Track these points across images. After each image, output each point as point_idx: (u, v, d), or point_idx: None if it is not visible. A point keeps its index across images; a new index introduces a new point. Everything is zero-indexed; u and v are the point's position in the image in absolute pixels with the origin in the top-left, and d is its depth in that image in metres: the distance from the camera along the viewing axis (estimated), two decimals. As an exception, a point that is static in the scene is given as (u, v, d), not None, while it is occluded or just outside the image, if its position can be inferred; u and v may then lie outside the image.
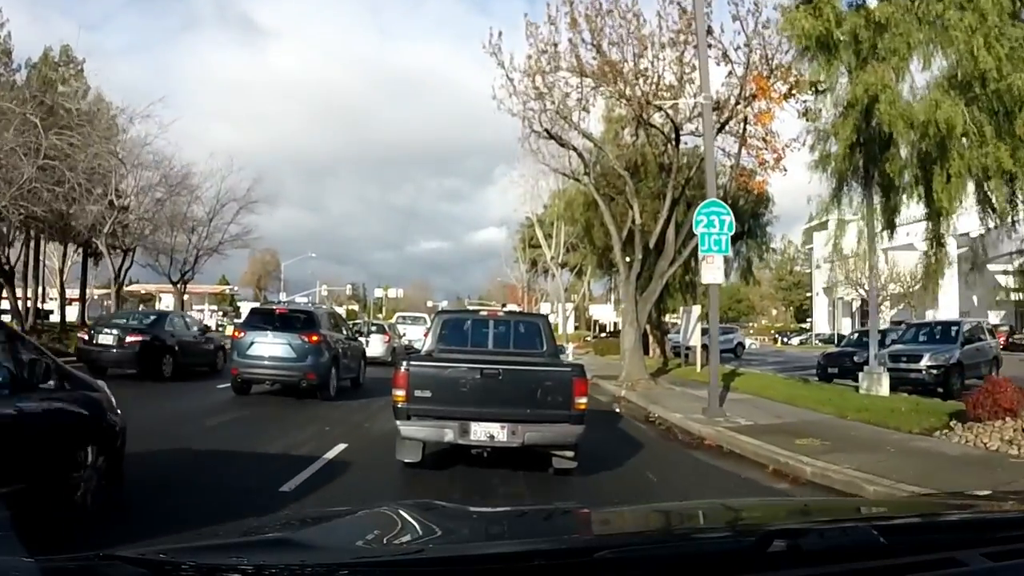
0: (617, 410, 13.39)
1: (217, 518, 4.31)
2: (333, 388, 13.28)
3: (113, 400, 5.46)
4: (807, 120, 15.05)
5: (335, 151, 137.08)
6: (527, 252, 50.24)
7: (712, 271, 11.59)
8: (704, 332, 24.25)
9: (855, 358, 18.42)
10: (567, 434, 6.78)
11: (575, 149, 19.17)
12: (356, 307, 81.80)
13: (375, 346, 22.21)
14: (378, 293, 75.20)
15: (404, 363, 7.02)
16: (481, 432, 6.70)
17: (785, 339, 61.99)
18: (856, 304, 62.19)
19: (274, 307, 15.91)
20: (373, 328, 25.16)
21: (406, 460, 7.05)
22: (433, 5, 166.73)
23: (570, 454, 7.01)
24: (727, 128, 17.33)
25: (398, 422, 6.84)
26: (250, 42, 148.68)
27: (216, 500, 5.48)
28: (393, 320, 35.84)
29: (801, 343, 58.39)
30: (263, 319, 13.93)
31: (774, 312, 73.21)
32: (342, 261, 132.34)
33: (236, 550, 1.47)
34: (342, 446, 8.27)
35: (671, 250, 18.36)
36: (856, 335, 22.31)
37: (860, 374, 15.02)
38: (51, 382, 4.59)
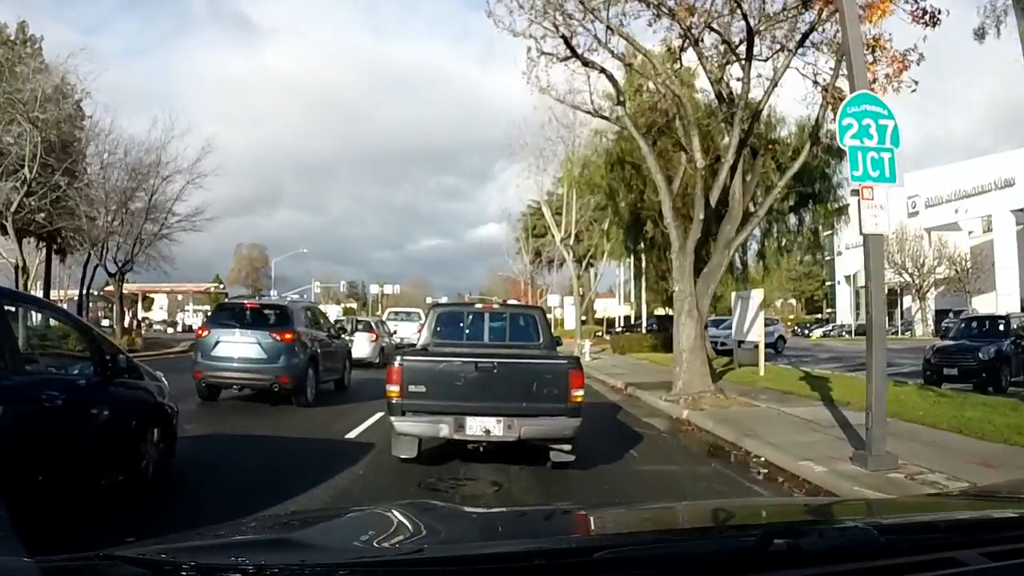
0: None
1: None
2: (311, 392, 12.53)
3: (167, 389, 6.77)
4: (925, 25, 12.42)
5: (334, 150, 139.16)
6: (530, 242, 49.76)
7: (871, 212, 7.30)
8: (766, 324, 20.68)
9: (979, 354, 15.89)
10: (564, 427, 7.01)
11: (604, 71, 14.80)
12: (355, 304, 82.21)
13: (361, 346, 20.86)
14: (374, 290, 75.30)
15: (398, 358, 7.30)
16: (477, 427, 6.94)
17: (805, 331, 60.77)
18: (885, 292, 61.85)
19: (243, 302, 14.19)
20: (359, 326, 23.36)
21: (401, 456, 7.34)
22: (430, 3, 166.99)
23: (567, 447, 7.25)
24: (811, 39, 13.27)
25: (392, 418, 7.11)
26: (247, 42, 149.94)
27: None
28: (384, 316, 34.91)
29: (825, 335, 56.90)
30: (231, 315, 12.98)
31: (779, 303, 72.50)
32: (342, 261, 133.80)
33: (236, 550, 1.55)
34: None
35: (738, 210, 14.57)
36: (975, 323, 18.88)
37: None
38: (126, 374, 6.00)
